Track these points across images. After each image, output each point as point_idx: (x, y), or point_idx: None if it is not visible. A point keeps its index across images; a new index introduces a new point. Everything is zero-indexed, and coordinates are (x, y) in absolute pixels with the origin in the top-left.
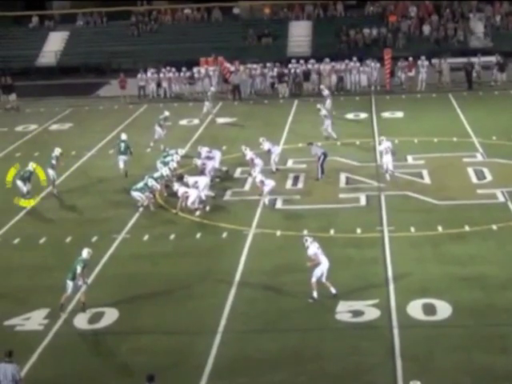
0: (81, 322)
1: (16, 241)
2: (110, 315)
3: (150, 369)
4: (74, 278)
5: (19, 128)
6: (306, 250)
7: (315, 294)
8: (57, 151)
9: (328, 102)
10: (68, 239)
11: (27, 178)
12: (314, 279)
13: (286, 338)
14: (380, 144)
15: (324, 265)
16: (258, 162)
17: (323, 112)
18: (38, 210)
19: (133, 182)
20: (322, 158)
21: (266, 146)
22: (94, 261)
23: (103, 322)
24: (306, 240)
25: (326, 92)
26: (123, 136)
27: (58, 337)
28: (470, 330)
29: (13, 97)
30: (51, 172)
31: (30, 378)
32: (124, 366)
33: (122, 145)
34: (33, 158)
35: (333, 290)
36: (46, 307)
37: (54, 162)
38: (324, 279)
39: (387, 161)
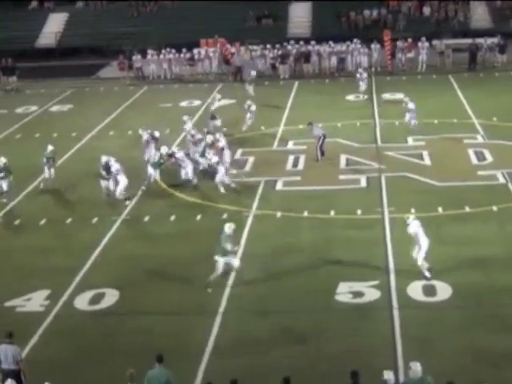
0: (81, 303)
1: (16, 222)
2: (111, 296)
3: (151, 349)
4: (224, 255)
5: (19, 110)
6: (407, 228)
7: (427, 274)
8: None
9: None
10: (68, 220)
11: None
12: (420, 262)
13: (286, 319)
14: (407, 104)
15: (424, 244)
16: (226, 152)
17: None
18: (38, 192)
19: (134, 165)
20: (322, 139)
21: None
22: (95, 242)
23: (104, 303)
24: (408, 217)
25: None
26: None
27: (59, 318)
28: (470, 311)
29: (13, 78)
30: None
31: (30, 359)
32: (125, 347)
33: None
34: (33, 139)
35: (427, 274)
36: (46, 288)
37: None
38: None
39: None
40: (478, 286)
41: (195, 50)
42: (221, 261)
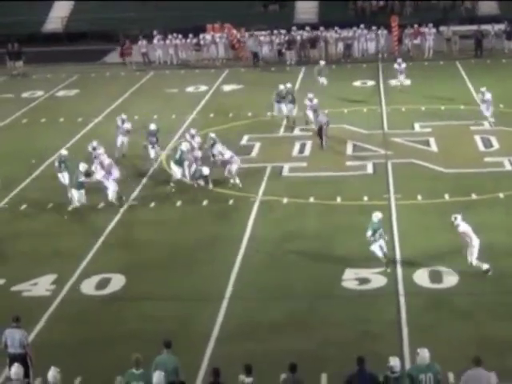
0: (88, 287)
1: (23, 207)
2: (117, 281)
3: (157, 335)
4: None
5: (26, 94)
6: (456, 228)
7: (485, 266)
8: None
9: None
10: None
11: None
12: (475, 262)
13: (292, 305)
14: (484, 94)
15: (475, 242)
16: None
17: None
18: (44, 177)
19: (138, 151)
20: (326, 126)
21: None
22: (101, 227)
23: (110, 288)
24: (456, 218)
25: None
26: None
27: (65, 303)
28: (476, 298)
29: (20, 63)
30: None
31: (37, 344)
32: (131, 332)
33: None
34: (39, 124)
35: (485, 266)
36: (53, 273)
37: None
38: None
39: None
40: (484, 273)
41: (201, 36)
42: (372, 248)
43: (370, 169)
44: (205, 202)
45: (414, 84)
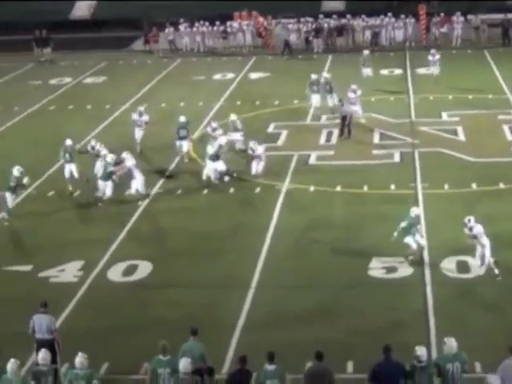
0: (115, 274)
1: (50, 194)
2: (144, 268)
3: (184, 322)
4: (405, 235)
5: (53, 81)
6: (471, 230)
7: (497, 271)
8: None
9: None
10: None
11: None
12: (488, 263)
13: (318, 293)
14: None
15: (488, 245)
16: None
17: None
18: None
19: (165, 139)
20: (349, 117)
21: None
22: (128, 214)
23: (137, 275)
24: (469, 220)
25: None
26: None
27: (92, 289)
28: (503, 288)
29: (48, 50)
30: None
31: (64, 330)
32: (158, 319)
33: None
34: (67, 111)
35: (496, 271)
36: (80, 259)
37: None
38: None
39: None
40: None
41: (228, 23)
42: (407, 240)
43: (397, 157)
44: (231, 190)
45: (441, 73)
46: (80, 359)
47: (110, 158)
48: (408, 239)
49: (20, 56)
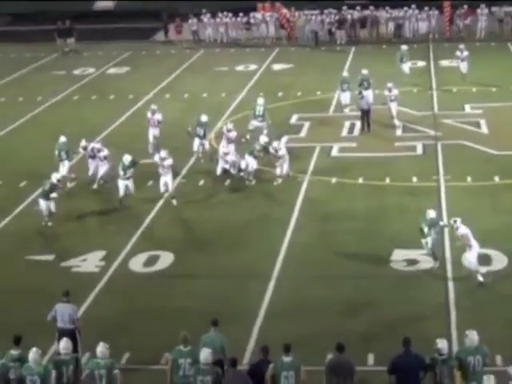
0: (136, 264)
1: (72, 184)
2: (166, 259)
3: (205, 313)
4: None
5: (77, 71)
6: (456, 230)
7: (481, 278)
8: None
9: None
10: None
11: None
12: (473, 267)
13: (339, 285)
14: None
15: (475, 248)
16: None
17: None
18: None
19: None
20: (367, 111)
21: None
22: (150, 205)
23: (158, 266)
24: (455, 221)
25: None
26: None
27: (114, 279)
28: None
29: (71, 40)
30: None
31: (85, 319)
32: (179, 309)
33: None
34: (90, 101)
35: (481, 278)
36: (102, 249)
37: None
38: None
39: None
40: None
41: (252, 14)
42: (423, 242)
43: (419, 150)
44: (253, 182)
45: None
46: (101, 349)
47: (125, 159)
48: (425, 240)
49: (43, 46)
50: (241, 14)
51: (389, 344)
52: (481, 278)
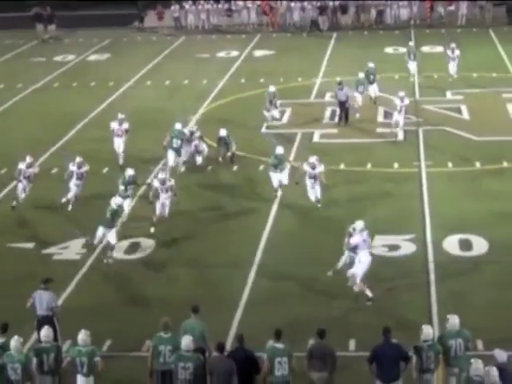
0: (117, 251)
1: (54, 171)
2: (147, 246)
3: (186, 300)
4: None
5: (58, 58)
6: (349, 236)
7: (370, 294)
8: None
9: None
10: (105, 170)
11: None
12: (358, 280)
13: (321, 271)
14: None
15: (365, 261)
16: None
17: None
18: (72, 142)
19: (166, 117)
20: (346, 100)
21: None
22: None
23: (139, 253)
24: (354, 229)
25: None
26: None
27: (95, 266)
28: (506, 266)
29: (52, 27)
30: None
31: (66, 306)
32: (160, 296)
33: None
34: (71, 88)
35: (369, 294)
36: (83, 237)
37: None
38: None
39: None
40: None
41: (233, 1)
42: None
43: (400, 136)
44: (235, 168)
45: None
46: (82, 336)
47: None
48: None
49: (22, 33)
50: (222, 1)
51: (370, 329)
52: (370, 294)
